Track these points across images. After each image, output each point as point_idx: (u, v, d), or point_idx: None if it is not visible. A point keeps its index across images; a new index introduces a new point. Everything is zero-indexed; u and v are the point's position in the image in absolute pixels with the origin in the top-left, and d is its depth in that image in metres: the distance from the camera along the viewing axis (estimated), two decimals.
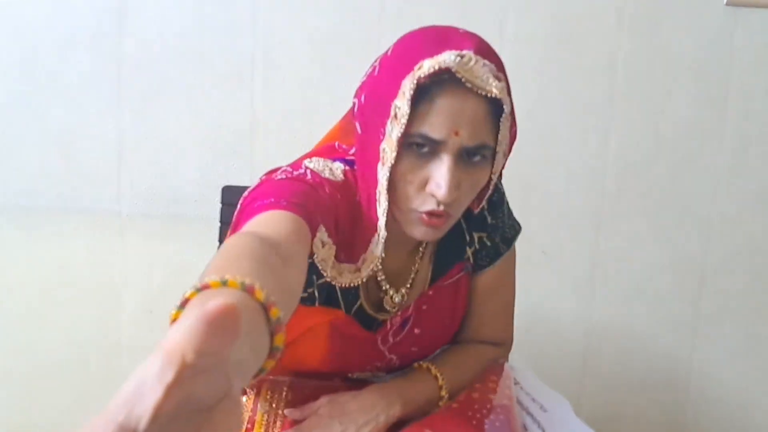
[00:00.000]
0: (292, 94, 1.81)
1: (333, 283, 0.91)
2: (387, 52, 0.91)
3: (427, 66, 0.83)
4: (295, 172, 0.91)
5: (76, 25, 1.76)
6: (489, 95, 0.84)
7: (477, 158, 0.88)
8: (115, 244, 1.84)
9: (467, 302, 1.07)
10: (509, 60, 1.78)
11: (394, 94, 0.84)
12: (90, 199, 1.82)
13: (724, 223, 1.97)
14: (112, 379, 1.89)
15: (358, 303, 0.99)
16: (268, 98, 1.81)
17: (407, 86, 0.83)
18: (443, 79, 0.83)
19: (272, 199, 0.80)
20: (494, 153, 0.90)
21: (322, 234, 0.84)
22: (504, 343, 1.15)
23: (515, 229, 1.12)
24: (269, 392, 0.97)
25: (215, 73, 1.80)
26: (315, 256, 0.84)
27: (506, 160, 0.95)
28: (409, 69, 0.84)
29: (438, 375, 1.01)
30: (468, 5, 1.82)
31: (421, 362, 1.03)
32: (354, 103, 0.94)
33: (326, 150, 1.00)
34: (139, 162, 1.82)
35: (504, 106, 0.87)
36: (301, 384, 0.98)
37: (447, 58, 0.82)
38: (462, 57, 0.83)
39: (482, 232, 1.07)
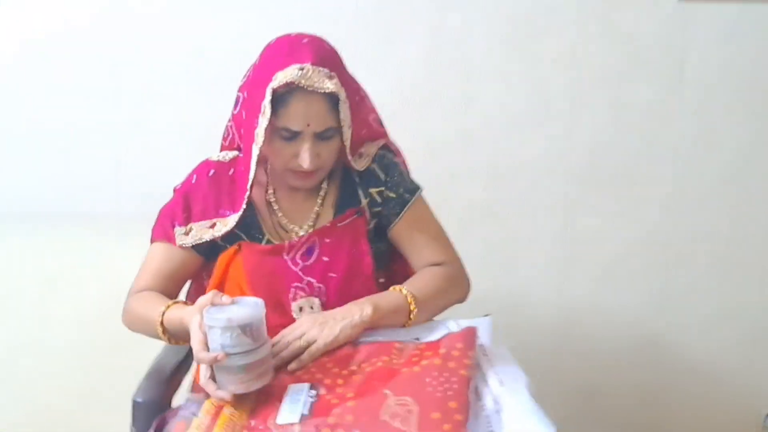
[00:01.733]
0: None
1: (217, 236, 1.28)
2: (257, 59, 1.24)
3: (278, 79, 1.15)
4: (182, 183, 1.36)
5: (73, 32, 1.88)
6: (327, 92, 1.16)
7: (328, 134, 1.21)
8: (115, 244, 1.95)
9: (369, 242, 1.31)
10: (478, 53, 1.92)
11: (262, 96, 1.16)
12: (90, 203, 1.94)
13: (688, 202, 2.09)
14: (114, 373, 1.99)
15: (265, 239, 1.30)
16: None
17: (268, 94, 1.15)
18: (292, 86, 1.15)
19: (155, 234, 1.33)
20: (340, 128, 1.22)
21: (178, 231, 1.29)
22: (448, 262, 1.37)
23: (416, 185, 1.39)
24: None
25: (207, 77, 1.92)
26: (189, 242, 1.28)
27: (356, 120, 1.26)
28: (269, 79, 1.16)
29: (401, 289, 1.25)
30: (438, 7, 1.95)
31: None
32: (239, 97, 1.29)
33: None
34: (136, 164, 1.94)
35: (339, 96, 1.18)
36: None
37: (292, 72, 1.14)
38: (302, 70, 1.14)
39: (379, 186, 1.34)
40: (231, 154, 1.35)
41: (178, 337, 1.18)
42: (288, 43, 1.22)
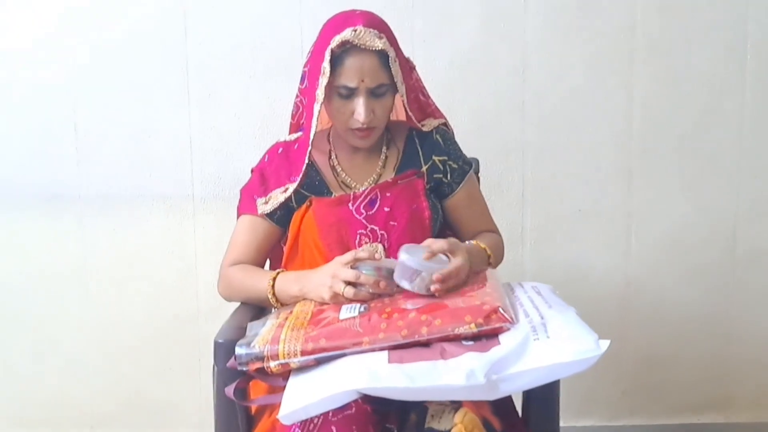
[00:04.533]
0: None
1: (289, 200, 1.42)
2: (317, 36, 1.40)
3: (335, 40, 1.31)
4: (258, 163, 1.51)
5: (146, 33, 2.01)
6: (377, 49, 1.31)
7: (381, 91, 1.35)
8: (189, 223, 2.08)
9: (429, 202, 1.44)
10: (534, 30, 1.97)
11: (322, 59, 1.33)
12: (166, 185, 2.06)
13: (752, 170, 2.07)
14: (191, 344, 2.12)
15: (332, 196, 1.43)
16: None
17: (327, 55, 1.32)
18: (347, 47, 1.31)
19: (240, 210, 1.48)
20: (393, 85, 1.36)
21: (259, 201, 1.44)
22: (497, 232, 1.55)
23: (471, 160, 1.54)
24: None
25: (267, 67, 2.02)
26: (269, 209, 1.42)
27: (408, 84, 1.40)
28: (327, 44, 1.33)
29: (480, 243, 1.41)
30: None
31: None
32: (304, 72, 1.44)
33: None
34: (207, 149, 2.05)
35: (389, 54, 1.33)
36: None
37: (346, 33, 1.31)
38: (355, 31, 1.31)
39: (442, 155, 1.48)
40: (295, 136, 1.51)
41: (285, 297, 1.33)
42: (342, 15, 1.38)
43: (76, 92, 2.04)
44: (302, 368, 1.07)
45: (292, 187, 1.42)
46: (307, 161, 1.40)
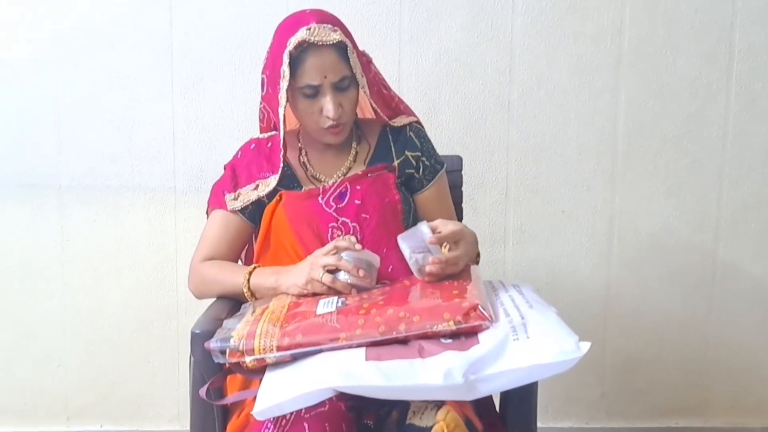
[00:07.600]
0: None
1: (263, 196, 1.42)
2: (271, 41, 1.39)
3: (291, 42, 1.31)
4: (231, 160, 1.50)
5: (131, 22, 1.99)
6: (334, 43, 1.31)
7: (345, 84, 1.35)
8: (170, 215, 2.06)
9: (400, 194, 1.44)
10: (521, 30, 1.96)
11: (280, 64, 1.33)
12: (148, 177, 2.04)
13: (735, 176, 2.08)
14: (169, 336, 2.11)
15: (303, 190, 1.44)
16: None
17: (285, 58, 1.31)
18: (305, 46, 1.31)
19: (210, 205, 1.47)
20: (355, 77, 1.36)
21: (228, 197, 1.43)
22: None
23: (443, 161, 1.54)
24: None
25: (253, 59, 1.98)
26: (239, 206, 1.42)
27: (367, 77, 1.40)
28: (283, 47, 1.32)
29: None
30: None
31: None
32: (263, 79, 1.44)
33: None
34: (190, 142, 2.04)
35: (347, 44, 1.33)
36: None
37: (301, 33, 1.31)
38: (309, 29, 1.31)
39: (416, 151, 1.48)
40: (270, 133, 1.52)
41: (261, 291, 1.33)
42: (293, 17, 1.39)
43: (59, 80, 2.01)
44: (278, 363, 1.06)
45: (264, 187, 1.42)
46: (281, 165, 1.41)
